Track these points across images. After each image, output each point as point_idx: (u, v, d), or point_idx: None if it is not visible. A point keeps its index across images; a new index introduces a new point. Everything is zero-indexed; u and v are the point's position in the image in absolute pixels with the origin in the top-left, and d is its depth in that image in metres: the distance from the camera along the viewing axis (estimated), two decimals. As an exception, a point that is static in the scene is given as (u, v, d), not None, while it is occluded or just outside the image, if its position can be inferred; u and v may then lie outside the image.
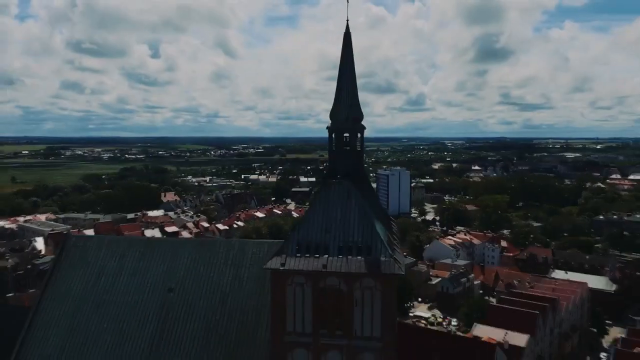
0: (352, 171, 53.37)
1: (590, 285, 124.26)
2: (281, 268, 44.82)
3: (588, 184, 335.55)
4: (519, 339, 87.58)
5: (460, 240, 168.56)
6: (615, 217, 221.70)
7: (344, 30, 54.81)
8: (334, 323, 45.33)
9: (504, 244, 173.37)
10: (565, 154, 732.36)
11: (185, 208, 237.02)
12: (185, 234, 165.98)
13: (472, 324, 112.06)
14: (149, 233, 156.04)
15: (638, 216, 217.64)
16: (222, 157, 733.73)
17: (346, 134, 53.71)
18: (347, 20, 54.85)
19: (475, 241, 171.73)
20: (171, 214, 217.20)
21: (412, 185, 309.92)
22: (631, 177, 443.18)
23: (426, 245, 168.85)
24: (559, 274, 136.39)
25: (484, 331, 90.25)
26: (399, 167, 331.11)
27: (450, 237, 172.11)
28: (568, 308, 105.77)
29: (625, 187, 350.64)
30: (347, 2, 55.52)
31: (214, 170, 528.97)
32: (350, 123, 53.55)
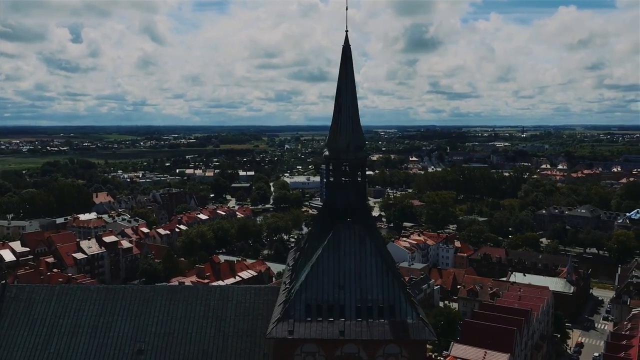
0: (353, 207, 46.42)
1: (550, 288, 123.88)
2: (289, 337, 37.23)
3: (526, 175, 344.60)
4: (499, 359, 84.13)
5: (415, 242, 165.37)
6: (556, 211, 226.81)
7: (343, 43, 47.24)
8: (352, 398, 38.43)
9: (457, 244, 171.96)
10: (495, 143, 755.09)
11: (120, 210, 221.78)
12: (125, 242, 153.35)
13: (438, 335, 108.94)
14: (85, 245, 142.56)
15: (579, 210, 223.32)
16: (152, 149, 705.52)
17: (345, 164, 46.74)
18: (347, 32, 47.20)
19: (429, 242, 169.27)
20: (105, 217, 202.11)
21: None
22: (559, 167, 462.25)
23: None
24: (517, 276, 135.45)
25: (462, 351, 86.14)
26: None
27: (404, 238, 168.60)
28: (538, 317, 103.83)
29: (557, 177, 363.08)
30: (346, 9, 48.11)
31: (145, 163, 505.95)
32: (352, 152, 46.31)
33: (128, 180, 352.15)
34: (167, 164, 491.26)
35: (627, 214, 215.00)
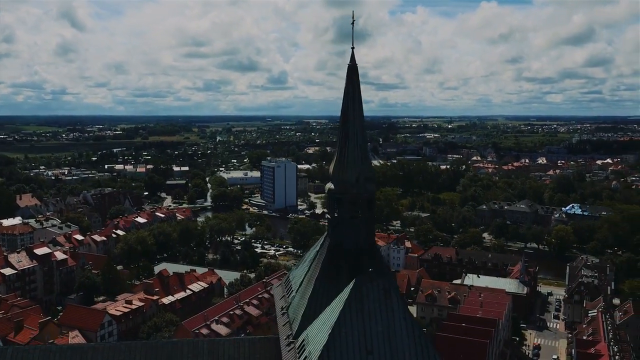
0: (362, 247, 41.46)
1: (506, 290, 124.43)
2: (315, 417, 31.79)
3: (463, 168, 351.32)
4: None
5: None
6: (496, 206, 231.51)
7: (349, 62, 41.79)
8: None
9: (407, 244, 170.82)
10: (425, 134, 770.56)
11: (48, 214, 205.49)
12: (59, 254, 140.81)
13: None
14: (14, 259, 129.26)
15: (518, 205, 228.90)
16: (76, 141, 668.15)
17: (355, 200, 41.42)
18: (353, 48, 41.82)
19: (380, 242, 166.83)
20: (32, 222, 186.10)
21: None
22: (489, 158, 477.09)
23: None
24: (471, 278, 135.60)
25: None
26: (284, 159, 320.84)
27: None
28: (502, 324, 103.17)
29: (490, 170, 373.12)
30: (352, 23, 42.46)
31: (69, 158, 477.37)
32: (361, 186, 41.07)
33: (53, 177, 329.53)
34: (94, 159, 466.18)
35: (563, 209, 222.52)
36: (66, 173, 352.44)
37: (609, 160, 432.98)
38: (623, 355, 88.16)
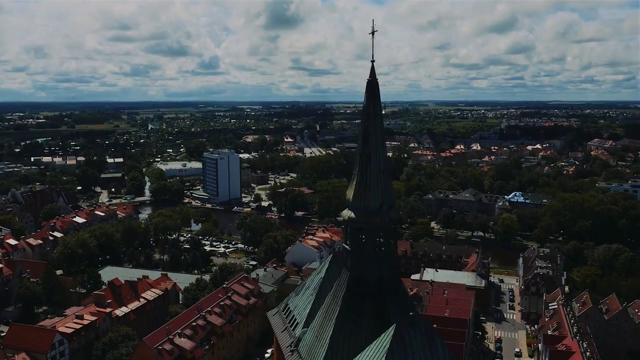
0: (386, 282, 38.05)
1: (466, 284, 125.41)
2: None
3: (405, 156, 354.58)
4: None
5: (322, 239, 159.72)
6: (441, 195, 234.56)
7: (368, 77, 37.80)
8: None
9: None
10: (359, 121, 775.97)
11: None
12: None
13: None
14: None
15: (462, 194, 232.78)
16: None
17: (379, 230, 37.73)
18: (373, 62, 37.86)
19: (335, 238, 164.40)
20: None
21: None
22: (425, 145, 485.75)
23: (288, 247, 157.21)
24: (429, 272, 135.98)
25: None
26: (227, 150, 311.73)
27: (310, 236, 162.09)
28: (470, 321, 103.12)
29: (429, 157, 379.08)
30: (372, 34, 38.37)
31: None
32: (385, 214, 37.50)
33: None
34: (17, 150, 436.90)
35: (506, 197, 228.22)
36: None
37: (538, 146, 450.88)
38: (590, 349, 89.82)
